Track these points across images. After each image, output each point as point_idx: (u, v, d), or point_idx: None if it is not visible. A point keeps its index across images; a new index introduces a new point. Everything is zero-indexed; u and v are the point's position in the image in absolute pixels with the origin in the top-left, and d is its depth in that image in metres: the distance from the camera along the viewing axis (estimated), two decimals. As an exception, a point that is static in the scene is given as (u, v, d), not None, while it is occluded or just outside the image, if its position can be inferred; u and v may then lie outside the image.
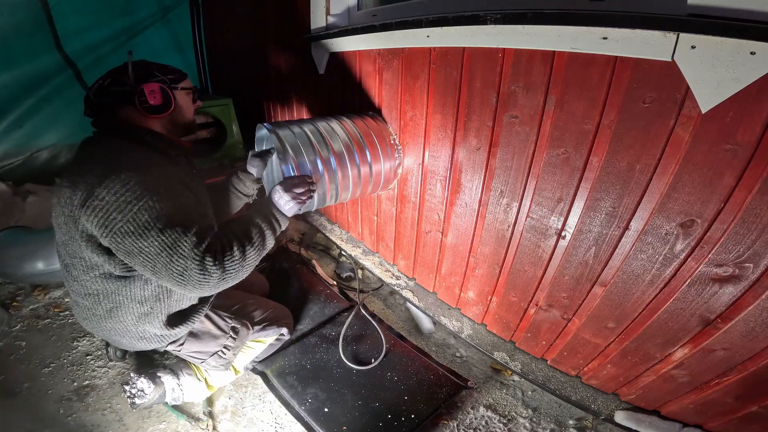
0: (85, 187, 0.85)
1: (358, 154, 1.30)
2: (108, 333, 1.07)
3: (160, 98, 1.01)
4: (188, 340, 1.16)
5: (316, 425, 1.24)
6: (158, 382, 1.23)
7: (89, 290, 0.99)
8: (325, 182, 1.24)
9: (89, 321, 1.07)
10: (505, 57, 1.00)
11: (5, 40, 1.97)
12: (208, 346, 1.20)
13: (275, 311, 1.45)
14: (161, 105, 1.02)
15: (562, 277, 1.11)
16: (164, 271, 0.85)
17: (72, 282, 1.02)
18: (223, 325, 1.22)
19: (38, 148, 2.28)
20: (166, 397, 1.24)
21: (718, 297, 0.84)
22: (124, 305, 1.01)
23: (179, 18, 2.68)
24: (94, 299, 1.00)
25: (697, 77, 0.72)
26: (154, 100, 1.01)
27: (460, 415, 1.30)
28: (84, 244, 0.90)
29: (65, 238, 0.95)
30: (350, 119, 1.37)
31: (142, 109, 1.00)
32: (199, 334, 1.18)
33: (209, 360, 1.21)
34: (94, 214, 0.83)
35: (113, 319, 1.03)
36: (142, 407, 1.21)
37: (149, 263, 0.85)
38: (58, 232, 0.97)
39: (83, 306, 1.03)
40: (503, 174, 1.13)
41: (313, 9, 1.61)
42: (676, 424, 1.06)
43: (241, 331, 1.26)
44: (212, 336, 1.20)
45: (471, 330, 1.47)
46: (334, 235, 2.04)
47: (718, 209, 0.78)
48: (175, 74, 1.08)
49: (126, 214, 0.82)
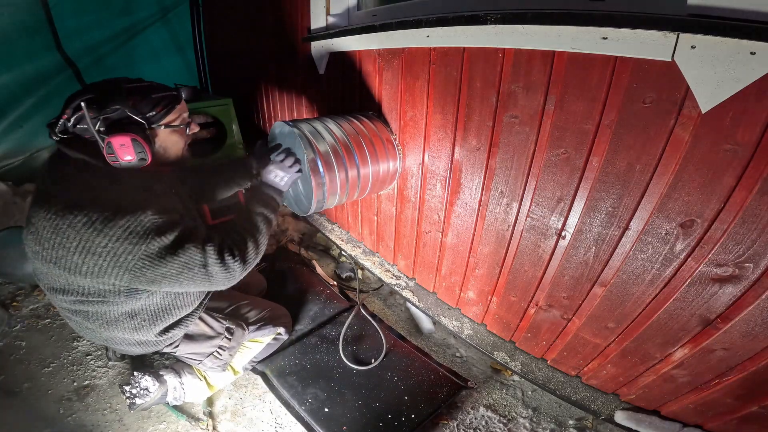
0: (79, 234, 0.80)
1: (358, 154, 1.30)
2: (104, 341, 1.07)
3: (132, 153, 0.85)
4: (183, 342, 1.16)
5: (316, 425, 1.24)
6: (162, 381, 1.23)
7: (79, 309, 0.95)
8: (326, 184, 1.24)
9: (83, 332, 1.05)
10: (505, 57, 1.00)
11: (5, 40, 1.97)
12: (203, 347, 1.19)
13: (271, 311, 1.45)
14: (136, 161, 0.86)
15: (562, 277, 1.11)
16: (190, 283, 0.91)
17: (59, 301, 0.95)
18: (217, 327, 1.22)
19: (38, 148, 2.28)
20: (168, 396, 1.24)
21: (718, 297, 0.84)
22: (116, 321, 0.99)
23: (179, 18, 2.68)
24: (84, 316, 0.97)
25: (697, 77, 0.72)
26: (126, 155, 0.84)
27: (460, 415, 1.30)
28: (88, 280, 0.86)
29: (56, 272, 0.86)
30: (350, 119, 1.37)
31: (112, 165, 0.86)
32: (194, 336, 1.18)
33: (205, 361, 1.21)
34: (103, 260, 0.82)
35: (107, 331, 1.01)
36: (141, 408, 1.21)
37: (175, 282, 0.89)
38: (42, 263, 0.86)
39: (74, 321, 1.01)
40: (503, 174, 1.13)
41: (313, 9, 1.61)
42: (676, 424, 1.06)
43: (236, 331, 1.26)
44: (207, 337, 1.20)
45: (471, 330, 1.47)
46: (334, 235, 2.04)
47: (718, 209, 0.78)
48: (160, 107, 0.91)
49: (136, 254, 0.82)
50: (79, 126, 0.86)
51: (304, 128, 1.23)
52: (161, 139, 0.94)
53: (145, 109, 0.89)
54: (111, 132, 0.84)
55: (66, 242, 0.81)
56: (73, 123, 0.86)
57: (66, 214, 0.80)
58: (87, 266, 0.83)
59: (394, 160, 1.43)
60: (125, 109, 0.86)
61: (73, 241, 0.80)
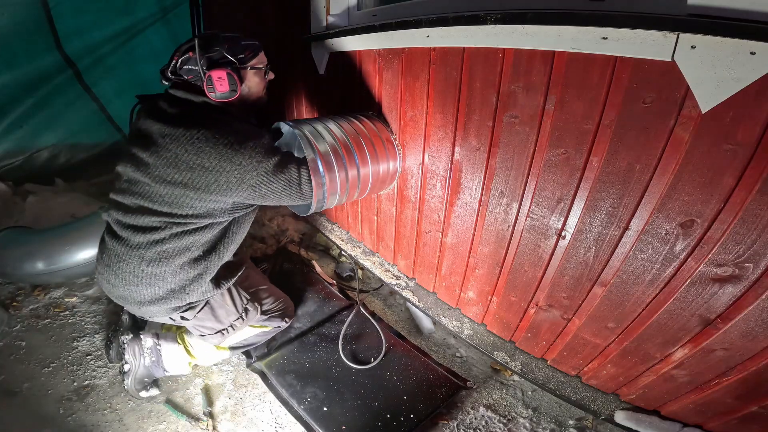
0: (219, 154, 0.98)
1: (358, 154, 1.30)
2: (136, 281, 1.08)
3: (227, 85, 1.05)
4: (203, 311, 1.19)
5: (314, 424, 1.24)
6: (137, 338, 1.31)
7: (153, 224, 1.03)
8: (326, 183, 1.24)
9: (123, 264, 1.07)
10: (505, 57, 1.00)
11: (5, 40, 1.96)
12: (218, 321, 1.23)
13: (284, 303, 1.50)
14: (228, 92, 1.06)
15: (562, 277, 1.11)
16: (287, 198, 1.10)
17: (138, 238, 1.04)
18: (239, 304, 1.26)
19: (38, 148, 2.28)
20: (144, 358, 1.28)
21: (718, 297, 0.84)
22: (186, 249, 1.06)
23: (179, 18, 2.68)
24: (150, 235, 1.03)
25: (697, 77, 0.72)
26: (221, 87, 1.05)
27: (460, 415, 1.30)
28: (212, 197, 1.01)
29: (176, 194, 1.01)
30: (350, 119, 1.37)
31: (210, 95, 1.06)
32: (215, 308, 1.21)
33: (212, 336, 1.24)
34: (234, 177, 0.99)
35: (158, 265, 1.06)
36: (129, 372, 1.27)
37: (278, 197, 1.08)
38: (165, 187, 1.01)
39: (131, 244, 1.05)
40: (503, 174, 1.13)
41: (313, 9, 1.61)
42: (676, 424, 1.06)
43: (251, 314, 1.30)
44: (226, 312, 1.23)
45: (471, 330, 1.47)
46: (334, 235, 2.04)
47: (718, 209, 0.78)
48: (249, 51, 1.12)
49: (260, 170, 1.01)
50: (186, 67, 1.06)
51: (304, 128, 1.23)
52: (247, 79, 1.13)
53: (237, 52, 1.09)
54: (211, 68, 1.04)
55: (206, 162, 0.98)
56: (181, 64, 1.06)
57: (209, 138, 0.98)
58: (218, 183, 1.00)
59: (394, 160, 1.43)
60: (222, 50, 1.06)
61: (213, 160, 0.98)
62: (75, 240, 1.61)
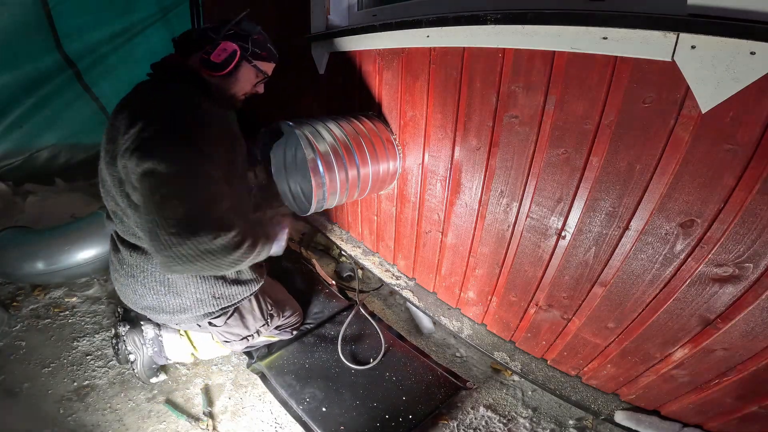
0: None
1: (358, 154, 1.30)
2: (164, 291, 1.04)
3: (224, 57, 1.02)
4: (233, 318, 1.19)
5: (313, 424, 1.24)
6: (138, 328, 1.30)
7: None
8: (326, 183, 1.24)
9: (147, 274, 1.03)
10: (505, 57, 1.00)
11: (5, 40, 1.96)
12: (246, 328, 1.24)
13: (299, 317, 1.52)
14: (219, 64, 1.02)
15: (562, 277, 1.11)
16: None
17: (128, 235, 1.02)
18: (265, 311, 1.27)
19: (38, 148, 2.27)
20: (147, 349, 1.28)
21: (718, 297, 0.84)
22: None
23: (179, 18, 2.68)
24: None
25: (697, 77, 0.72)
26: (218, 57, 1.01)
27: (460, 415, 1.30)
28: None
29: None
30: (350, 119, 1.37)
31: (202, 58, 1.02)
32: (244, 314, 1.22)
33: (237, 343, 1.26)
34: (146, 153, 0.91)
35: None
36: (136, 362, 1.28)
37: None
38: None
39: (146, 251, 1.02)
40: (503, 174, 1.13)
41: (313, 9, 1.61)
42: (676, 424, 1.06)
43: (274, 320, 1.32)
44: (254, 318, 1.24)
45: (471, 330, 1.47)
46: (334, 235, 2.04)
47: (718, 209, 0.78)
48: (265, 52, 1.11)
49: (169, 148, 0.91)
50: (210, 33, 1.04)
51: (304, 128, 1.23)
52: (243, 71, 1.10)
53: (258, 47, 1.09)
54: (227, 39, 1.04)
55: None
56: (211, 27, 1.05)
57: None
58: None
59: (394, 160, 1.43)
60: (251, 38, 1.07)
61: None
62: (75, 240, 1.61)
